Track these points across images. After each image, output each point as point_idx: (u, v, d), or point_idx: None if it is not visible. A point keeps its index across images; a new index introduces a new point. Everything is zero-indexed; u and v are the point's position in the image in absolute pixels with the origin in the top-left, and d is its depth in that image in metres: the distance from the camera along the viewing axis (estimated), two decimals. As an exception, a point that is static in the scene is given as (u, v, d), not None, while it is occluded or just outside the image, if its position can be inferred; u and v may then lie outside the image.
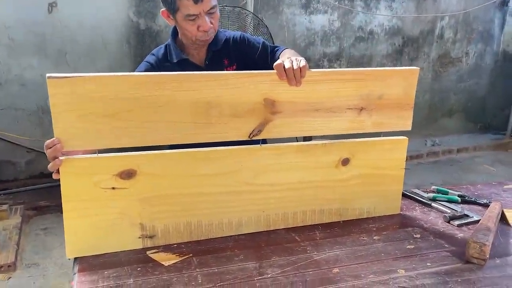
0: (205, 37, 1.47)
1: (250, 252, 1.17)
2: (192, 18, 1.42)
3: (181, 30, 1.50)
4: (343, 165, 1.33)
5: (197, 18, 1.42)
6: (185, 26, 1.44)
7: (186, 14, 1.41)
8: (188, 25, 1.43)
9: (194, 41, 1.49)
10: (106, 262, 1.11)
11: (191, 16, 1.41)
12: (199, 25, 1.43)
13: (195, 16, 1.41)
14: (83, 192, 1.09)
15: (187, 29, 1.45)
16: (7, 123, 3.52)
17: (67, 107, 1.04)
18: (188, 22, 1.42)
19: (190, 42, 1.51)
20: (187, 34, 1.47)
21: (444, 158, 4.87)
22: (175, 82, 1.12)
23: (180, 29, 1.49)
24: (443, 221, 1.39)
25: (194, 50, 1.56)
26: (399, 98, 1.35)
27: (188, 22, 1.43)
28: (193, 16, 1.41)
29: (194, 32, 1.45)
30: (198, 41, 1.49)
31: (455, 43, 5.29)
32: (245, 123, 1.21)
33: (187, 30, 1.45)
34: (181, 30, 1.50)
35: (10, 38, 3.41)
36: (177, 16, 1.43)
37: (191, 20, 1.42)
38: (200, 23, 1.43)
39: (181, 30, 1.49)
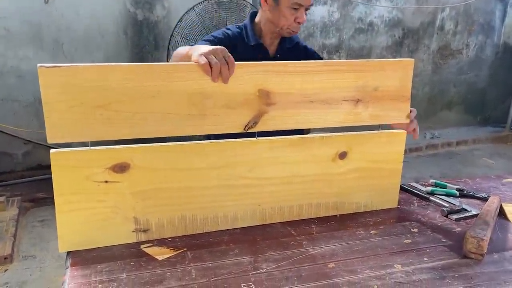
0: (296, 29, 1.57)
1: (245, 247, 1.16)
2: (296, 8, 1.51)
3: (276, 16, 1.54)
4: (340, 159, 1.31)
5: (299, 10, 1.51)
6: (285, 13, 1.52)
7: (294, 2, 1.49)
8: (289, 13, 1.52)
9: (283, 30, 1.56)
10: (99, 256, 1.09)
11: (296, 5, 1.50)
12: (297, 17, 1.53)
13: (299, 7, 1.51)
14: (75, 186, 1.08)
15: (286, 16, 1.52)
16: (3, 114, 3.50)
17: (58, 98, 1.02)
18: (290, 10, 1.51)
19: (276, 30, 1.58)
20: (282, 21, 1.54)
21: (443, 151, 4.86)
22: (168, 72, 1.10)
23: (275, 14, 1.54)
24: (441, 215, 1.38)
25: (269, 40, 1.63)
26: (395, 90, 1.33)
27: (290, 11, 1.51)
28: (298, 6, 1.50)
29: (290, 22, 1.53)
30: (287, 31, 1.56)
31: (455, 35, 5.25)
32: (240, 115, 1.19)
33: (285, 18, 1.53)
34: (276, 16, 1.54)
35: (6, 28, 3.37)
36: (282, 1, 1.50)
37: (294, 9, 1.51)
38: (298, 15, 1.53)
39: (277, 16, 1.54)
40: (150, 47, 3.86)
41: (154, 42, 3.86)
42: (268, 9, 1.56)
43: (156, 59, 3.88)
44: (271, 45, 1.65)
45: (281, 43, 1.66)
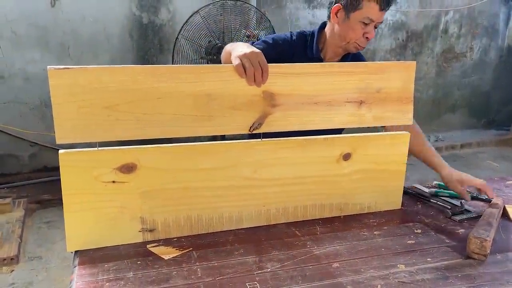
0: (363, 44, 1.52)
1: (250, 247, 1.17)
2: (367, 22, 1.46)
3: (344, 29, 1.50)
4: (344, 160, 1.33)
5: (369, 25, 1.47)
6: (354, 27, 1.48)
7: (366, 16, 1.45)
8: (359, 27, 1.47)
9: (350, 44, 1.52)
10: (106, 255, 1.11)
11: (367, 20, 1.45)
12: (366, 32, 1.48)
13: (370, 22, 1.46)
14: (83, 186, 1.09)
15: (354, 30, 1.48)
16: (10, 117, 3.53)
17: (67, 99, 1.04)
18: (360, 25, 1.47)
19: (343, 44, 1.54)
20: (350, 34, 1.49)
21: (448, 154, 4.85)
22: (176, 74, 1.12)
23: (344, 27, 1.50)
24: (444, 217, 1.38)
25: (331, 53, 1.59)
26: (398, 92, 1.35)
27: (360, 25, 1.47)
28: (369, 21, 1.46)
29: (358, 36, 1.49)
30: (354, 45, 1.52)
31: (459, 38, 5.26)
32: (245, 116, 1.21)
33: (354, 32, 1.48)
34: (344, 29, 1.50)
35: (13, 31, 3.41)
36: (354, 15, 1.46)
37: (364, 24, 1.46)
38: (368, 30, 1.48)
39: (346, 29, 1.50)
40: (155, 50, 3.90)
41: (159, 45, 3.90)
42: (337, 22, 1.52)
43: (161, 62, 3.91)
44: (331, 59, 1.61)
45: (342, 59, 1.62)
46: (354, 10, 1.46)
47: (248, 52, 1.17)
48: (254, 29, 3.44)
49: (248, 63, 1.15)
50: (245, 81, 1.17)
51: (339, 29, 1.52)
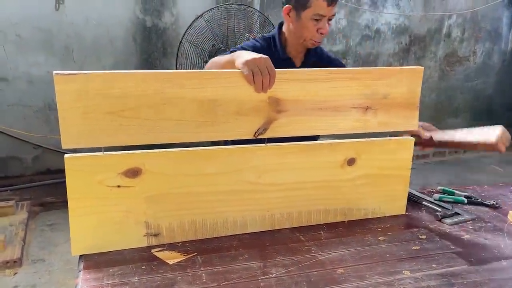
0: (319, 39, 1.56)
1: (255, 252, 1.17)
2: (318, 19, 1.50)
3: (298, 28, 1.55)
4: (348, 165, 1.33)
5: (321, 20, 1.51)
6: (307, 24, 1.51)
7: (316, 13, 1.49)
8: (311, 24, 1.51)
9: (306, 41, 1.56)
10: (111, 260, 1.11)
11: (318, 16, 1.49)
12: (320, 28, 1.52)
13: (321, 18, 1.50)
14: (88, 190, 1.10)
15: (308, 28, 1.52)
16: (14, 119, 3.54)
17: (73, 104, 1.05)
18: (312, 22, 1.51)
19: (301, 42, 1.58)
20: (304, 32, 1.54)
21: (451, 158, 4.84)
22: (180, 79, 1.12)
23: (298, 26, 1.54)
24: (434, 219, 1.40)
25: (295, 52, 1.63)
26: (404, 98, 1.34)
27: (311, 22, 1.51)
28: (320, 17, 1.50)
29: (313, 33, 1.53)
30: (310, 42, 1.56)
31: (462, 42, 5.25)
32: (250, 122, 1.21)
33: (308, 29, 1.52)
34: (298, 28, 1.55)
35: (17, 34, 3.42)
36: (304, 13, 1.50)
37: (316, 20, 1.50)
38: (321, 26, 1.52)
39: (300, 28, 1.54)
40: (158, 53, 3.90)
41: (162, 49, 3.90)
42: (291, 22, 1.57)
43: (165, 66, 3.92)
44: (296, 58, 1.65)
45: (306, 56, 1.66)
46: (304, 9, 1.50)
47: (257, 58, 1.17)
48: (257, 32, 3.44)
49: (257, 70, 1.15)
50: (253, 87, 1.17)
51: (294, 28, 1.57)
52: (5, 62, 3.44)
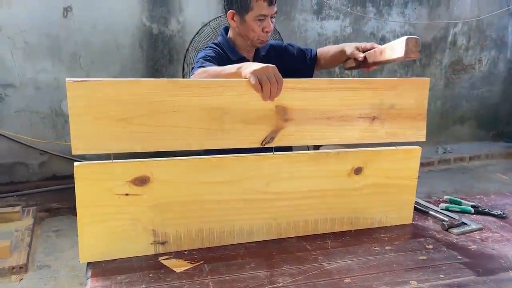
0: (265, 38, 1.62)
1: (261, 260, 1.17)
2: (261, 19, 1.57)
3: (244, 30, 1.61)
4: (355, 174, 1.33)
5: (264, 20, 1.57)
6: (252, 25, 1.58)
7: (258, 14, 1.55)
8: (256, 25, 1.58)
9: (254, 42, 1.63)
10: (119, 267, 1.12)
11: (261, 17, 1.56)
12: (264, 27, 1.59)
13: (264, 17, 1.57)
14: (97, 198, 1.10)
15: (253, 29, 1.58)
16: (21, 125, 3.57)
17: (84, 111, 1.06)
18: (256, 22, 1.57)
19: (249, 43, 1.64)
20: (251, 34, 1.60)
21: (456, 166, 4.82)
22: (191, 88, 1.13)
23: (243, 29, 1.61)
24: (441, 229, 1.39)
25: (246, 52, 1.69)
26: (411, 108, 1.35)
27: (256, 23, 1.57)
28: (263, 17, 1.56)
29: (259, 33, 1.59)
30: (258, 42, 1.63)
31: (468, 50, 5.25)
32: (257, 130, 1.21)
33: (253, 30, 1.59)
34: (244, 30, 1.61)
35: (25, 41, 3.46)
36: (247, 16, 1.57)
37: (259, 20, 1.57)
38: (265, 25, 1.58)
39: (246, 30, 1.60)
40: (164, 60, 3.93)
41: (168, 56, 3.93)
42: (236, 26, 1.62)
43: (171, 73, 3.94)
44: (249, 56, 1.70)
45: (256, 52, 1.72)
46: (247, 12, 1.57)
47: (264, 67, 1.18)
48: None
49: (265, 78, 1.16)
50: (260, 96, 1.18)
51: (240, 31, 1.63)
52: (13, 68, 3.48)
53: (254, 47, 1.68)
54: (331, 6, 4.44)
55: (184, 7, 3.86)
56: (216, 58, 1.59)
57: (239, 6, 1.57)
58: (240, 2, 1.56)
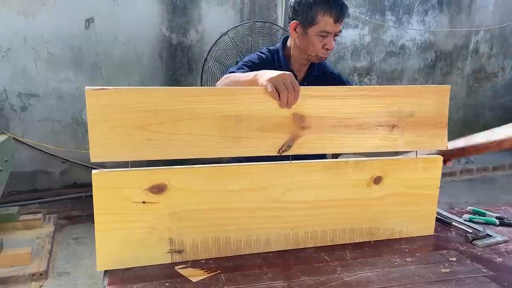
0: (324, 55, 1.58)
1: (279, 271, 1.15)
2: (324, 35, 1.52)
3: (304, 44, 1.57)
4: (375, 184, 1.30)
5: (327, 36, 1.53)
6: (313, 40, 1.54)
7: (322, 30, 1.51)
8: (317, 40, 1.54)
9: (311, 57, 1.59)
10: (135, 276, 1.11)
11: (324, 33, 1.52)
12: (325, 43, 1.54)
13: (327, 34, 1.52)
14: (114, 206, 1.11)
15: (314, 43, 1.54)
16: (43, 134, 3.64)
17: (102, 118, 1.07)
18: (318, 37, 1.53)
19: (305, 57, 1.60)
20: (310, 48, 1.56)
21: (479, 176, 4.71)
22: (207, 96, 1.13)
23: (304, 42, 1.57)
24: (465, 241, 1.35)
25: (298, 65, 1.65)
26: (431, 116, 1.32)
27: (317, 38, 1.53)
28: (326, 33, 1.52)
29: (318, 48, 1.55)
30: (316, 57, 1.59)
31: (490, 58, 5.16)
32: (274, 138, 1.20)
33: (313, 45, 1.55)
34: (304, 44, 1.57)
35: (49, 52, 3.55)
36: (311, 29, 1.53)
37: (322, 36, 1.53)
38: (327, 42, 1.54)
39: (306, 43, 1.56)
40: (183, 70, 3.97)
41: (187, 65, 3.97)
42: (297, 37, 1.59)
43: (189, 82, 3.98)
44: (299, 71, 1.66)
45: (309, 69, 1.68)
46: (311, 25, 1.52)
47: (281, 74, 1.18)
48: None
49: (282, 86, 1.15)
50: (278, 103, 1.17)
51: (300, 43, 1.59)
52: (37, 78, 3.56)
53: (309, 62, 1.64)
54: (350, 15, 4.42)
55: (203, 17, 3.91)
56: (259, 66, 1.55)
57: (304, 18, 1.53)
58: (305, 14, 1.52)
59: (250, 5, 3.99)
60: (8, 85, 3.50)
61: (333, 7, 1.49)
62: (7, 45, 3.43)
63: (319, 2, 1.50)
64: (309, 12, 1.51)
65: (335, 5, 1.50)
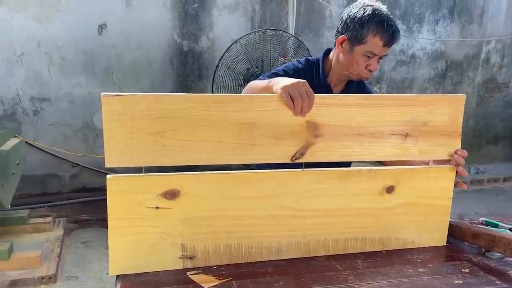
0: (366, 76, 1.56)
1: (290, 279, 1.15)
2: (370, 56, 1.50)
3: (348, 60, 1.54)
4: (387, 193, 1.30)
5: (372, 58, 1.51)
6: (357, 59, 1.51)
7: (369, 51, 1.49)
8: (362, 59, 1.51)
9: (353, 74, 1.56)
10: (147, 281, 1.11)
11: (370, 54, 1.50)
12: (369, 64, 1.52)
13: (373, 56, 1.50)
14: (128, 211, 1.11)
15: (358, 62, 1.52)
16: (55, 138, 3.68)
17: (117, 124, 1.08)
18: (364, 57, 1.51)
19: (346, 73, 1.57)
20: (353, 66, 1.53)
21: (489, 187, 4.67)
22: (221, 103, 1.14)
23: (348, 58, 1.54)
24: (478, 253, 1.33)
25: (336, 80, 1.63)
26: (445, 126, 1.31)
27: (363, 57, 1.51)
28: (372, 55, 1.50)
29: (362, 68, 1.53)
30: (357, 76, 1.56)
31: (501, 68, 5.13)
32: (288, 146, 1.20)
33: (357, 64, 1.52)
34: (348, 60, 1.54)
35: (62, 57, 3.59)
36: (358, 47, 1.50)
37: (367, 57, 1.50)
38: (371, 63, 1.52)
39: (350, 60, 1.54)
40: (194, 76, 4.00)
41: (198, 72, 4.00)
42: (341, 52, 1.56)
43: (200, 88, 4.00)
44: (336, 86, 1.64)
45: (347, 86, 1.65)
46: (359, 44, 1.50)
47: (295, 82, 1.18)
48: (292, 57, 3.48)
49: (296, 94, 1.16)
50: (292, 111, 1.18)
51: (343, 59, 1.55)
52: (49, 83, 3.61)
53: (347, 79, 1.62)
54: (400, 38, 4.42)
55: (214, 24, 3.94)
56: (289, 75, 1.52)
57: (353, 35, 1.50)
58: (356, 32, 1.49)
59: (261, 12, 4.01)
60: (21, 89, 3.55)
61: (386, 30, 1.47)
62: (21, 49, 3.48)
63: (373, 22, 1.47)
64: (360, 31, 1.48)
65: (388, 29, 1.47)
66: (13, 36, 3.44)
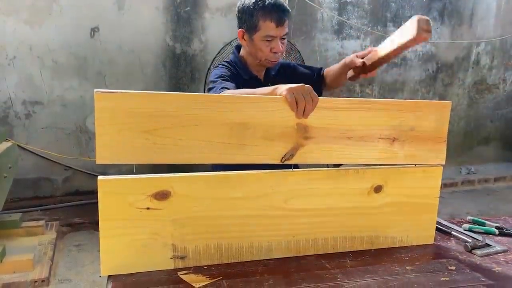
0: (274, 59, 1.62)
1: (280, 278, 1.17)
2: (269, 39, 1.57)
3: (253, 50, 1.62)
4: (375, 192, 1.32)
5: (272, 40, 1.57)
6: (260, 46, 1.59)
7: (265, 35, 1.56)
8: (264, 45, 1.58)
9: (262, 61, 1.63)
10: (139, 281, 1.13)
11: (269, 37, 1.56)
12: (273, 47, 1.59)
13: (272, 38, 1.57)
14: (119, 212, 1.12)
15: (261, 49, 1.59)
16: (47, 141, 3.67)
17: (109, 121, 1.09)
18: (264, 42, 1.58)
19: (258, 62, 1.65)
20: (259, 53, 1.61)
21: (480, 187, 4.71)
22: (212, 103, 1.15)
23: (252, 48, 1.62)
24: (465, 250, 1.36)
25: (256, 70, 1.70)
26: (431, 131, 1.35)
27: (264, 43, 1.58)
28: (270, 38, 1.56)
29: (267, 53, 1.60)
30: (266, 61, 1.63)
31: (491, 70, 5.19)
32: (278, 147, 1.22)
33: (261, 50, 1.59)
34: (253, 50, 1.62)
35: (54, 60, 3.59)
36: (255, 36, 1.58)
37: (268, 41, 1.57)
38: (274, 45, 1.58)
39: (254, 49, 1.62)
40: (186, 79, 4.01)
41: (190, 74, 4.01)
42: (246, 44, 1.64)
43: (192, 90, 4.01)
44: (259, 74, 1.71)
45: (267, 71, 1.72)
46: (255, 32, 1.57)
47: (301, 85, 1.21)
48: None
49: (301, 96, 1.18)
50: (294, 114, 1.20)
51: (249, 49, 1.64)
52: (42, 86, 3.60)
53: (263, 67, 1.69)
54: (352, 26, 4.47)
55: (206, 27, 3.95)
56: (232, 77, 1.61)
57: (247, 25, 1.59)
58: (248, 22, 1.57)
59: (253, 15, 4.03)
60: (13, 93, 3.54)
61: (273, 12, 1.54)
62: (13, 53, 3.48)
63: (259, 8, 1.54)
64: (251, 20, 1.56)
65: (275, 10, 1.54)
66: (5, 40, 3.43)
